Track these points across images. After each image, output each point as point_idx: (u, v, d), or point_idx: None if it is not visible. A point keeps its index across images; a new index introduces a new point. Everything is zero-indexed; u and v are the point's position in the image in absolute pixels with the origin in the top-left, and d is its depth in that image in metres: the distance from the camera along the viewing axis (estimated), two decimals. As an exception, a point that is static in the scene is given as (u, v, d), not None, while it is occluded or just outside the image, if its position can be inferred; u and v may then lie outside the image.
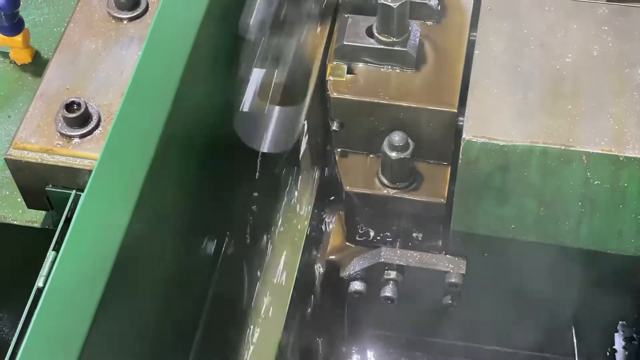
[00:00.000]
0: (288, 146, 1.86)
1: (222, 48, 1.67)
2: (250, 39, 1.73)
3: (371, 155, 1.94)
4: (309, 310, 2.01)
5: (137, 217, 1.33)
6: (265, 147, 1.81)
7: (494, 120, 1.75)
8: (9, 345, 1.50)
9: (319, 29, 1.93)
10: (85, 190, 1.35)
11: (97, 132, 1.62)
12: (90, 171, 1.49)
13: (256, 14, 1.71)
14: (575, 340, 2.14)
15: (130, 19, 1.77)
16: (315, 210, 1.98)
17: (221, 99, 1.73)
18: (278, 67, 1.82)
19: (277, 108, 1.82)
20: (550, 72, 1.80)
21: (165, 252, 1.52)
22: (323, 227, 2.08)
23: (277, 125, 1.83)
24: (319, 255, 2.04)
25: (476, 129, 1.74)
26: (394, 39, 1.82)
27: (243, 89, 1.80)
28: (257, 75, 1.82)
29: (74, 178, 1.60)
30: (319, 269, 2.04)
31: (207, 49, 1.56)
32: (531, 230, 1.82)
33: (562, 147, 1.71)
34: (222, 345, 1.77)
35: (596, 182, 1.72)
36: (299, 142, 1.88)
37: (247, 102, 1.79)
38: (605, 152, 1.70)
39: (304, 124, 1.84)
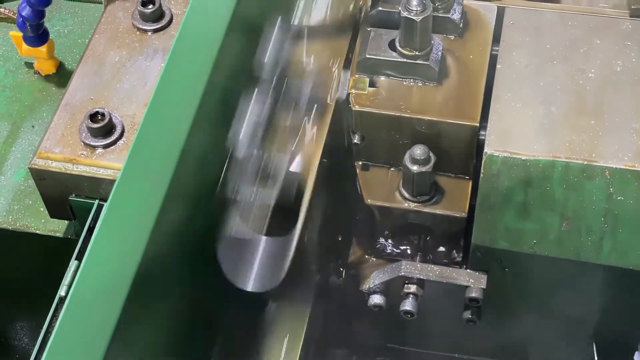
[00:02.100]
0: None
1: (245, 59, 1.67)
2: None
3: (392, 169, 1.94)
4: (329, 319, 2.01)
5: (159, 227, 1.34)
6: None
7: (516, 134, 1.74)
8: (30, 354, 1.51)
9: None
10: (109, 200, 1.36)
11: (120, 142, 1.63)
12: (113, 181, 1.50)
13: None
14: (596, 356, 2.12)
15: (155, 31, 1.79)
16: None
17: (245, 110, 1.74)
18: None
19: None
20: (573, 87, 1.79)
21: (187, 261, 1.53)
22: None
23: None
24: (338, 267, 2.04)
25: (498, 143, 1.74)
26: (417, 53, 1.83)
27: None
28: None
29: (97, 188, 1.61)
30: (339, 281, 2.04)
31: (230, 61, 1.57)
32: (553, 245, 1.81)
33: (585, 162, 1.70)
34: (242, 350, 1.77)
35: (619, 198, 1.71)
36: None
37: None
38: (628, 167, 1.69)
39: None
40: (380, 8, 1.93)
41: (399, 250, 2.01)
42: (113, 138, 1.63)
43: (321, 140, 1.75)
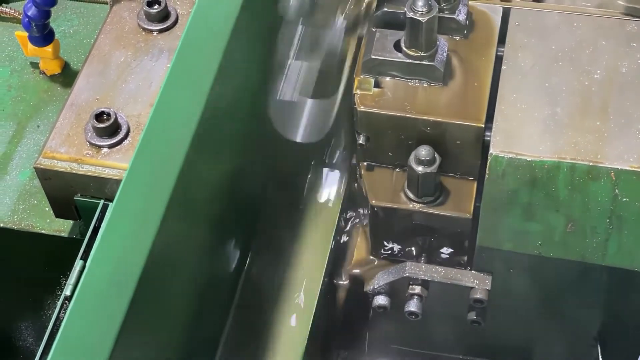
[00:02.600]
0: (320, 136, 1.90)
1: (251, 60, 1.68)
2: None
3: (397, 170, 1.94)
4: (332, 322, 2.01)
5: (165, 227, 1.34)
6: (299, 137, 1.84)
7: (521, 135, 1.74)
8: (34, 354, 1.51)
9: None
10: (115, 200, 1.36)
11: (126, 142, 1.63)
12: (118, 181, 1.50)
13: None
14: (600, 358, 2.12)
15: (160, 31, 1.79)
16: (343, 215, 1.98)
17: (251, 108, 1.74)
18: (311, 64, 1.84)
19: (309, 101, 1.85)
20: (578, 88, 1.79)
21: (193, 261, 1.53)
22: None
23: (310, 116, 1.86)
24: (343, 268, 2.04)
25: (503, 144, 1.74)
26: (422, 54, 1.82)
27: (274, 99, 1.81)
28: (288, 87, 1.84)
29: (103, 188, 1.62)
30: (343, 282, 2.04)
31: (236, 61, 1.57)
32: (558, 246, 1.81)
33: (590, 164, 1.70)
34: (246, 351, 1.77)
35: (624, 199, 1.71)
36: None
37: (279, 102, 1.80)
38: (634, 168, 1.69)
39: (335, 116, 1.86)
40: (385, 9, 1.93)
41: (403, 251, 2.00)
42: (118, 138, 1.63)
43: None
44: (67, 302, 1.48)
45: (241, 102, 1.66)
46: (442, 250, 1.97)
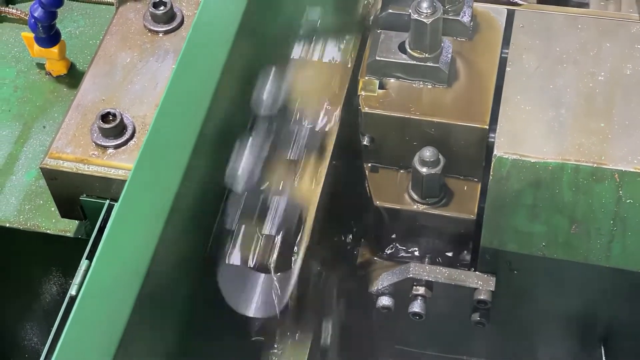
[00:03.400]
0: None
1: (256, 61, 1.68)
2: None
3: (401, 171, 1.94)
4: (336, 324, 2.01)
5: (170, 227, 1.35)
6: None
7: (525, 137, 1.75)
8: (40, 354, 1.52)
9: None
10: (120, 200, 1.36)
11: (131, 142, 1.64)
12: (124, 181, 1.51)
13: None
14: (604, 359, 2.12)
15: (166, 32, 1.80)
16: None
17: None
18: None
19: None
20: (582, 90, 1.80)
21: (198, 261, 1.53)
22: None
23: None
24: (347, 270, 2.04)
25: (507, 146, 1.74)
26: (427, 55, 1.83)
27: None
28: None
29: (108, 188, 1.62)
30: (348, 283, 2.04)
31: (241, 62, 1.58)
32: (562, 248, 1.81)
33: (594, 165, 1.70)
34: (249, 350, 1.78)
35: (628, 201, 1.71)
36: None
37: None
38: (638, 170, 1.69)
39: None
40: (390, 10, 1.93)
41: (407, 252, 2.01)
42: (124, 138, 1.64)
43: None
44: (73, 302, 1.49)
45: (246, 101, 1.67)
46: (446, 251, 1.97)
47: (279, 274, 1.61)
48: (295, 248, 1.66)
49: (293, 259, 1.66)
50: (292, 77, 1.74)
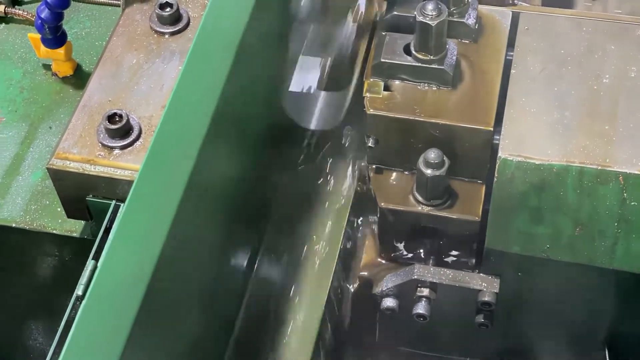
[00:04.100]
0: (335, 123, 1.96)
1: (263, 61, 1.69)
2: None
3: (406, 172, 1.95)
4: (341, 325, 2.01)
5: (176, 227, 1.35)
6: (313, 125, 1.92)
7: (530, 139, 1.75)
8: (45, 354, 1.52)
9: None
10: (127, 201, 1.37)
11: (137, 143, 1.65)
12: (130, 182, 1.52)
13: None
14: (608, 362, 2.12)
15: (172, 34, 1.81)
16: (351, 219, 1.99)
17: (263, 108, 1.75)
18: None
19: (322, 92, 1.93)
20: (587, 93, 1.80)
21: (204, 261, 1.54)
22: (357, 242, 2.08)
23: (324, 105, 1.94)
24: (352, 270, 2.05)
25: (512, 148, 1.74)
26: (432, 57, 1.83)
27: (286, 96, 1.83)
28: (300, 81, 1.86)
29: (114, 188, 1.63)
30: (352, 284, 2.04)
31: (248, 64, 1.58)
32: (566, 250, 1.81)
33: (599, 167, 1.71)
34: (255, 351, 1.78)
35: (633, 203, 1.72)
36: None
37: (292, 98, 1.86)
38: (642, 173, 1.70)
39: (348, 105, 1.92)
40: (395, 12, 1.94)
41: (412, 254, 2.01)
42: (130, 139, 1.65)
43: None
44: (79, 302, 1.49)
45: (253, 102, 1.68)
46: (450, 253, 1.98)
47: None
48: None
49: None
50: None
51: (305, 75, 1.89)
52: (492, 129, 1.80)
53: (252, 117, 1.69)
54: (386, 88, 1.88)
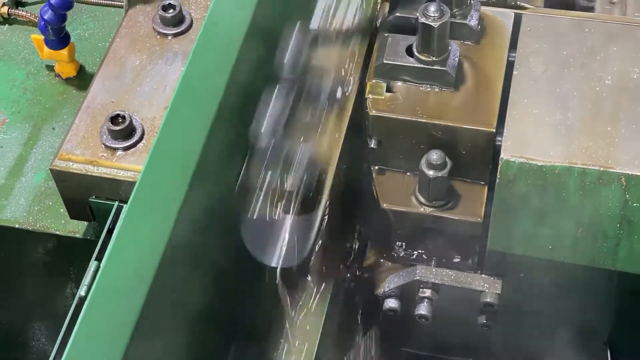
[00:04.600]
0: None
1: (264, 63, 1.69)
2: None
3: (408, 174, 1.95)
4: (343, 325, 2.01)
5: (179, 228, 1.36)
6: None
7: (532, 140, 1.75)
8: (48, 354, 1.52)
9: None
10: (129, 201, 1.37)
11: (140, 144, 1.65)
12: (133, 183, 1.52)
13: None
14: (610, 363, 2.12)
15: (175, 35, 1.81)
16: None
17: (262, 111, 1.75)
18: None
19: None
20: (589, 94, 1.80)
21: (207, 261, 1.54)
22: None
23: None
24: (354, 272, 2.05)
25: (514, 149, 1.75)
26: (434, 58, 1.84)
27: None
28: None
29: (117, 189, 1.63)
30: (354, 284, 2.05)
31: (249, 65, 1.59)
32: (568, 251, 1.81)
33: (601, 169, 1.71)
34: (260, 348, 1.78)
35: (635, 204, 1.72)
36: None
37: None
38: (644, 174, 1.70)
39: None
40: (397, 14, 1.94)
41: (414, 255, 2.01)
42: (133, 140, 1.65)
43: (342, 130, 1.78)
44: (82, 303, 1.50)
45: (254, 104, 1.68)
46: (452, 254, 1.98)
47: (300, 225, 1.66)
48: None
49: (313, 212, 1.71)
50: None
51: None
52: (494, 130, 1.81)
53: (254, 115, 1.69)
54: (388, 89, 1.88)
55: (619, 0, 2.14)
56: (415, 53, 1.85)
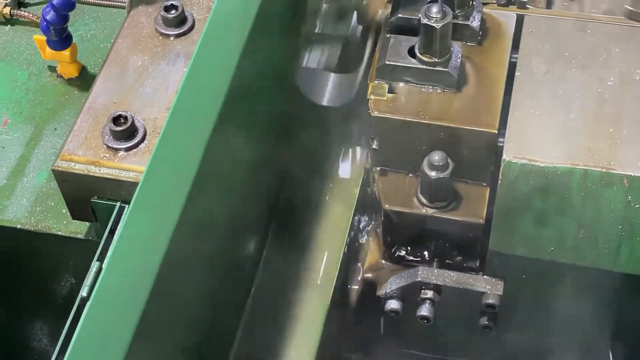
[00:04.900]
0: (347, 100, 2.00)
1: (268, 63, 1.69)
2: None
3: (410, 175, 1.95)
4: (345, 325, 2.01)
5: (181, 229, 1.36)
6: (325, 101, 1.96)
7: (534, 141, 1.75)
8: (49, 355, 1.52)
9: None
10: (132, 202, 1.37)
11: (142, 145, 1.65)
12: (135, 183, 1.52)
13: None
14: (612, 364, 2.12)
15: (177, 36, 1.81)
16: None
17: (268, 109, 1.75)
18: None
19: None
20: (591, 95, 1.80)
21: (208, 261, 1.54)
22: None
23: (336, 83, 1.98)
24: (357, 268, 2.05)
25: (516, 150, 1.75)
26: (436, 60, 1.84)
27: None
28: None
29: (119, 190, 1.63)
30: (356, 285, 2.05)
31: (252, 65, 1.59)
32: (570, 252, 1.81)
33: (603, 170, 1.71)
34: (259, 350, 1.78)
35: (637, 206, 1.72)
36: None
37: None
38: (646, 175, 1.70)
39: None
40: (400, 15, 1.94)
41: (416, 256, 2.01)
42: (135, 141, 1.65)
43: None
44: (84, 303, 1.50)
45: (258, 104, 1.68)
46: (454, 255, 1.98)
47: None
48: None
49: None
50: None
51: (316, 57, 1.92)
52: (496, 131, 1.81)
53: (257, 117, 1.69)
54: (390, 90, 1.88)
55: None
56: (418, 54, 1.85)
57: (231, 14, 1.58)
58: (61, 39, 2.02)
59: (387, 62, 1.87)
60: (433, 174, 1.83)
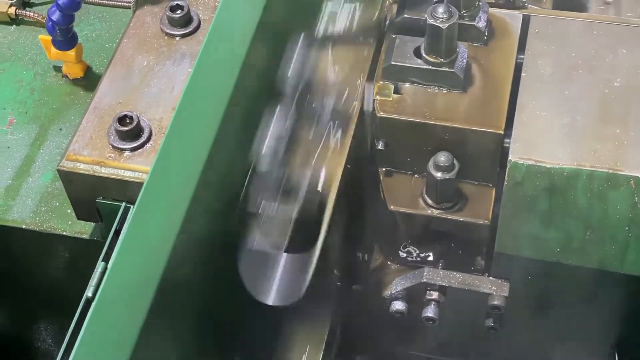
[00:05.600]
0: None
1: (272, 64, 1.69)
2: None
3: (416, 175, 1.94)
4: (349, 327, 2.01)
5: (186, 230, 1.35)
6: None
7: (540, 142, 1.75)
8: (54, 355, 1.52)
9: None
10: (137, 203, 1.37)
11: (148, 145, 1.65)
12: (140, 184, 1.52)
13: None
14: (618, 366, 2.12)
15: (183, 36, 1.81)
16: None
17: (272, 108, 1.75)
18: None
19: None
20: (598, 96, 1.79)
21: (213, 261, 1.54)
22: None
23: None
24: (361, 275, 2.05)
25: (523, 151, 1.74)
26: (442, 60, 1.83)
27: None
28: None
29: (125, 190, 1.63)
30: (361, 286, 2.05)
31: (257, 66, 1.58)
32: (576, 254, 1.81)
33: (610, 171, 1.70)
34: (264, 351, 1.78)
35: (643, 207, 1.71)
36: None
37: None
38: (653, 177, 1.69)
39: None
40: (406, 15, 1.94)
41: (421, 257, 2.01)
42: (141, 141, 1.65)
43: (345, 149, 1.77)
44: (89, 304, 1.49)
45: (262, 104, 1.67)
46: (460, 256, 1.97)
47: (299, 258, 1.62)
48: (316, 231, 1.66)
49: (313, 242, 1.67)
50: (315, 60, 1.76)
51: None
52: (502, 132, 1.80)
53: (260, 118, 1.69)
54: (396, 91, 1.87)
55: (614, 0, 2.13)
56: (423, 55, 1.85)
57: (236, 13, 1.57)
58: (66, 39, 2.02)
59: (392, 63, 1.86)
60: (439, 174, 1.82)
